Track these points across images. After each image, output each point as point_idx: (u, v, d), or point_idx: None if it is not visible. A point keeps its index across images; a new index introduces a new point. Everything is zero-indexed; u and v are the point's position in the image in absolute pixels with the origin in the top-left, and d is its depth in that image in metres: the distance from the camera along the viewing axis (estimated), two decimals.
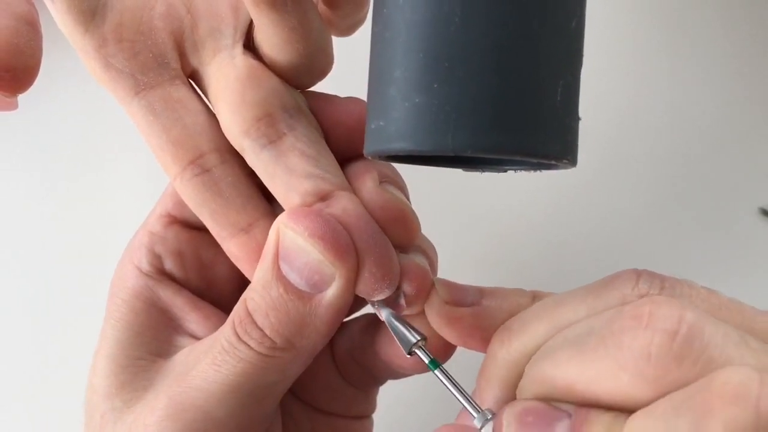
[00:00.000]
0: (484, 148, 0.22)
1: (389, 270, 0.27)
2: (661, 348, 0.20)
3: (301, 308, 0.26)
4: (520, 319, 0.26)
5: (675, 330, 0.20)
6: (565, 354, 0.23)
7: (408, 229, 0.29)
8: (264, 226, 0.28)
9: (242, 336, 0.27)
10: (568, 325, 0.24)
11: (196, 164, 0.28)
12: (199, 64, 0.29)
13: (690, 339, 0.20)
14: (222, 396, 0.27)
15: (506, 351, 0.25)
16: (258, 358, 0.27)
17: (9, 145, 0.46)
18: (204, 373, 0.27)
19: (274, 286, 0.26)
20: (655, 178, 0.45)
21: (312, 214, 0.26)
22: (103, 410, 0.28)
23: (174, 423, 0.27)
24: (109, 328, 0.30)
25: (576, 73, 0.23)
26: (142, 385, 0.28)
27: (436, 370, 0.27)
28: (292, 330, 0.26)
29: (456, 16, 0.21)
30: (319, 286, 0.26)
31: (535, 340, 0.25)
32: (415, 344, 0.27)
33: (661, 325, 0.21)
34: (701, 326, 0.21)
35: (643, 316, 0.21)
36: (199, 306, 0.30)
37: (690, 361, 0.20)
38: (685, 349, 0.20)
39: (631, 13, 0.48)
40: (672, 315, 0.21)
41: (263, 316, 0.26)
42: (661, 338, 0.20)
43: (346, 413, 0.33)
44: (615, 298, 0.24)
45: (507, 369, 0.25)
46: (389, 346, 0.30)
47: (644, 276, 0.25)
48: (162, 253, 0.30)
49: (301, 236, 0.26)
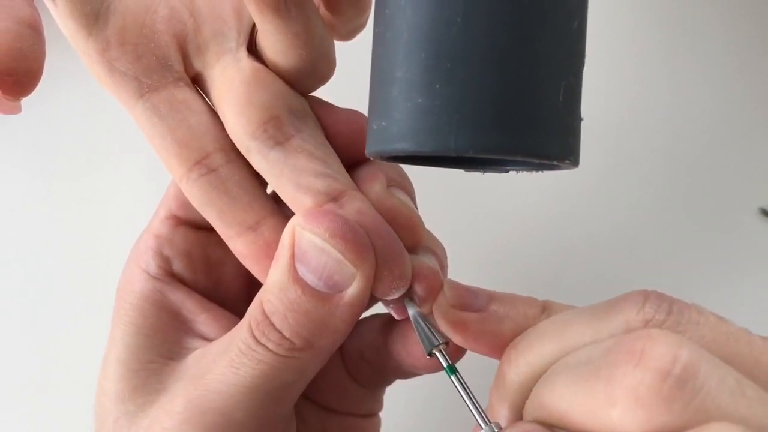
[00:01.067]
0: (486, 149, 0.22)
1: (405, 270, 0.27)
2: (650, 389, 0.19)
3: (320, 309, 0.26)
4: (526, 337, 0.26)
5: (667, 370, 0.20)
6: (562, 382, 0.22)
7: (414, 234, 0.29)
8: (271, 224, 0.28)
9: (260, 338, 0.27)
10: (573, 347, 0.24)
11: (202, 164, 0.28)
12: (202, 67, 0.29)
13: (682, 382, 0.19)
14: (241, 398, 0.27)
15: (514, 372, 0.25)
16: (277, 360, 0.27)
17: (11, 147, 0.46)
18: (222, 375, 0.27)
19: (291, 288, 0.26)
20: (654, 178, 0.45)
21: (331, 214, 0.26)
22: (117, 415, 0.28)
23: (193, 426, 0.27)
24: (118, 332, 0.30)
25: (578, 74, 0.23)
26: (155, 389, 0.28)
27: (452, 375, 0.27)
28: (311, 331, 0.26)
29: (458, 16, 0.21)
30: (339, 286, 0.26)
31: (541, 361, 0.25)
32: (436, 347, 0.27)
33: (653, 363, 0.20)
34: (696, 368, 0.20)
35: (636, 352, 0.20)
36: (208, 307, 0.31)
37: (680, 405, 0.19)
38: (675, 392, 0.19)
39: (630, 13, 0.48)
40: (666, 353, 0.20)
41: (281, 318, 0.26)
42: (652, 378, 0.20)
43: (355, 412, 0.33)
44: (619, 322, 0.24)
45: (514, 389, 0.25)
46: (401, 346, 0.30)
47: (651, 299, 0.24)
48: (170, 255, 0.30)
49: (320, 237, 0.26)
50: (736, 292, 0.43)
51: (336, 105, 0.31)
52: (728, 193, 0.45)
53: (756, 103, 0.46)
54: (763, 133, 0.45)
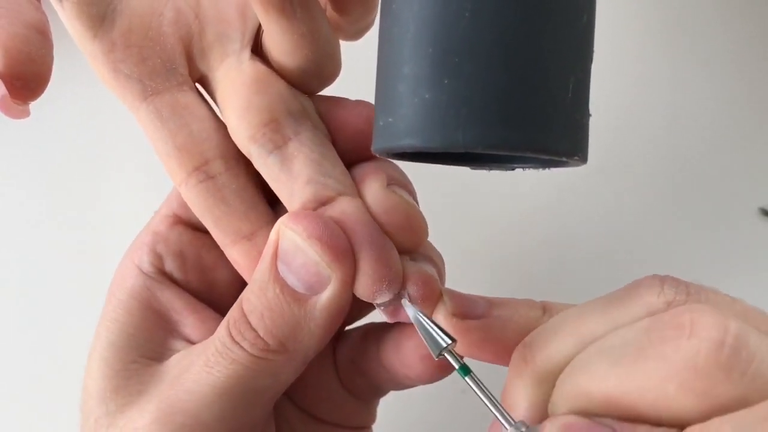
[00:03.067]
0: (495, 145, 0.22)
1: (387, 271, 0.27)
2: (708, 359, 0.19)
3: (296, 310, 0.26)
4: (540, 333, 0.25)
5: (721, 340, 0.20)
6: (602, 366, 0.22)
7: (414, 232, 0.28)
8: (266, 235, 0.28)
9: (236, 337, 0.26)
10: (592, 338, 0.24)
11: (201, 171, 0.28)
12: (207, 69, 0.29)
13: (737, 350, 0.20)
14: (212, 399, 0.26)
15: (531, 369, 0.25)
16: (250, 360, 0.26)
17: (17, 149, 0.46)
18: (196, 375, 0.27)
19: (270, 286, 0.26)
20: (654, 177, 0.45)
21: (311, 215, 0.26)
22: (98, 414, 0.28)
23: (162, 426, 0.26)
24: (103, 329, 0.29)
25: (586, 70, 0.23)
26: (137, 390, 0.28)
27: (466, 377, 0.25)
28: (285, 332, 0.26)
29: (466, 11, 0.21)
30: (316, 287, 0.26)
31: (561, 354, 0.24)
32: (445, 348, 0.26)
33: (706, 334, 0.20)
34: (746, 336, 0.20)
35: (685, 325, 0.20)
36: (197, 309, 0.30)
37: (738, 372, 0.19)
38: (733, 360, 0.19)
39: (631, 13, 0.48)
40: (717, 324, 0.20)
41: (258, 317, 0.26)
42: (708, 348, 0.20)
43: (347, 424, 0.33)
44: (641, 306, 0.24)
45: (534, 386, 0.24)
46: (394, 356, 0.29)
47: (668, 282, 0.24)
48: (163, 252, 0.30)
49: (299, 236, 0.26)
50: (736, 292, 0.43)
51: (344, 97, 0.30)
52: (728, 193, 0.45)
53: (756, 103, 0.46)
54: (763, 133, 0.46)
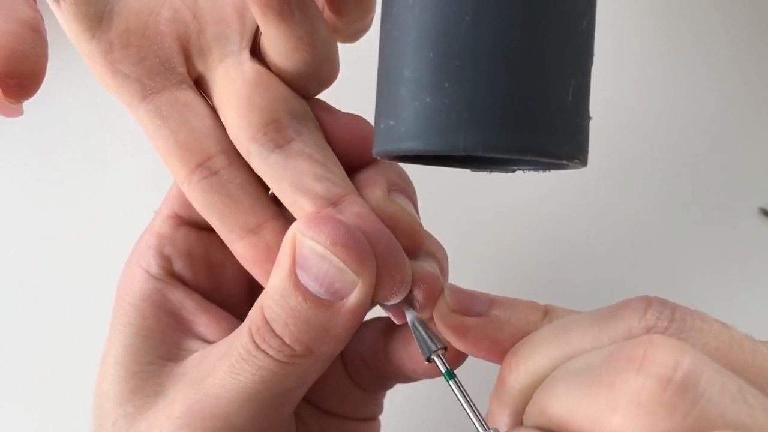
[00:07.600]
0: (496, 148, 0.21)
1: (405, 275, 0.27)
2: (652, 395, 0.19)
3: (321, 316, 0.26)
4: (527, 343, 0.26)
5: (669, 377, 0.19)
6: (563, 388, 0.22)
7: (414, 240, 0.29)
8: (273, 228, 0.28)
9: (260, 344, 0.26)
10: (574, 354, 0.24)
11: (204, 167, 0.28)
12: (205, 69, 0.29)
13: (683, 388, 0.19)
14: (241, 404, 0.26)
15: (514, 378, 0.25)
16: (277, 366, 0.26)
17: (12, 148, 0.46)
18: (221, 380, 0.27)
19: (292, 295, 0.26)
20: (655, 178, 0.45)
21: (332, 221, 0.26)
22: (115, 417, 0.28)
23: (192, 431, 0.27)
24: (117, 333, 0.29)
25: (587, 73, 0.23)
26: (154, 391, 0.28)
27: (450, 381, 0.27)
28: (312, 338, 0.26)
29: (467, 15, 0.21)
30: (341, 293, 0.26)
31: (542, 368, 0.24)
32: (434, 352, 0.27)
33: (654, 370, 0.19)
34: (698, 375, 0.19)
35: (637, 358, 0.20)
36: (208, 309, 0.30)
37: (681, 412, 0.19)
38: (677, 399, 0.19)
39: (631, 13, 0.48)
40: (668, 360, 0.19)
41: (282, 325, 0.26)
42: (653, 385, 0.19)
43: (354, 415, 0.33)
44: (621, 329, 0.23)
45: (514, 395, 0.25)
46: (402, 350, 0.30)
47: (654, 306, 0.23)
48: (171, 254, 0.30)
49: (321, 244, 0.26)
50: (736, 292, 0.43)
51: (338, 109, 0.30)
52: (728, 193, 0.45)
53: (756, 103, 0.46)
54: (763, 133, 0.46)
